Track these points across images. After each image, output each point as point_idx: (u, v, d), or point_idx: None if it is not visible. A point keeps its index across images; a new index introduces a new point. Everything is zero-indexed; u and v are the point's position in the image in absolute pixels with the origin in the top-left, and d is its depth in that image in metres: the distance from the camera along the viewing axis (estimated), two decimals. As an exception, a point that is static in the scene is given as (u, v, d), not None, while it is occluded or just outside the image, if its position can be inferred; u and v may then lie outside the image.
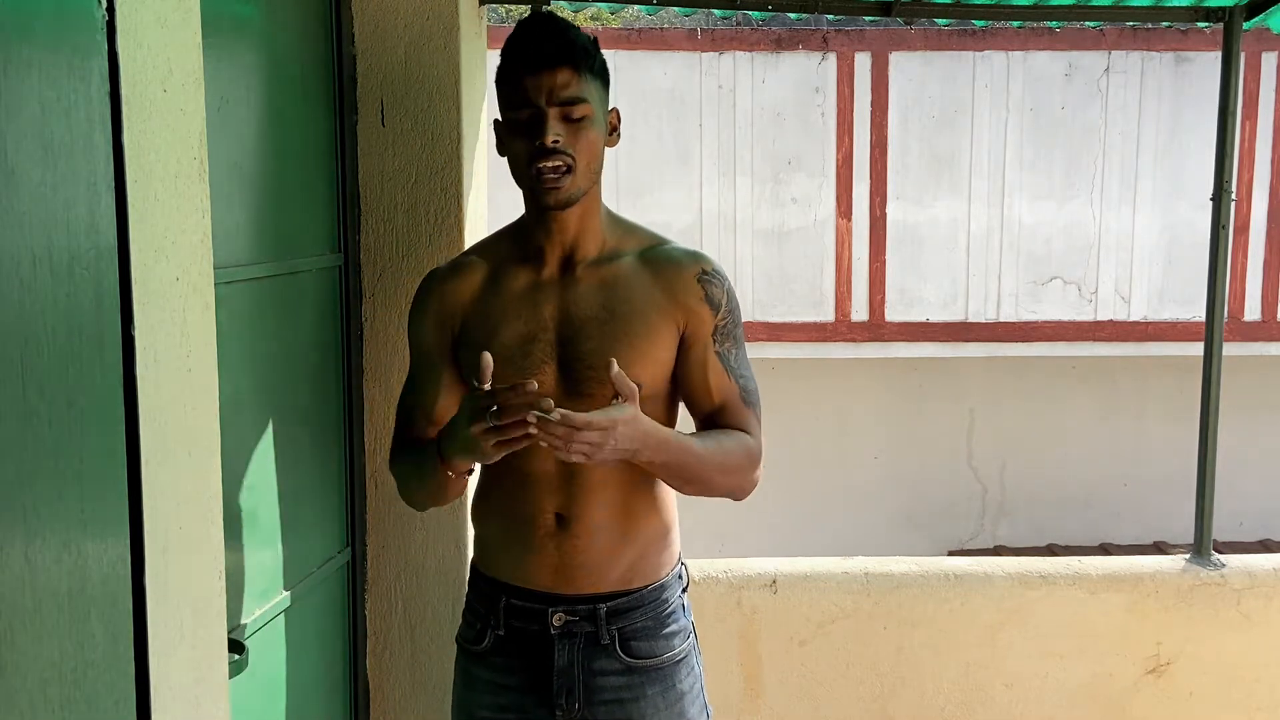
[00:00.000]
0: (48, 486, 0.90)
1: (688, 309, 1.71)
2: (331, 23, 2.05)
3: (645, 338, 1.69)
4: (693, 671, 1.80)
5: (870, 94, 6.55)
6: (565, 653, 1.73)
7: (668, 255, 1.75)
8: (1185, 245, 6.55)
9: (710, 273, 1.74)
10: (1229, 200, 2.67)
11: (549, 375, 1.68)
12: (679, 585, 1.81)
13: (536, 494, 1.70)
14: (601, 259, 1.73)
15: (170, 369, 1.15)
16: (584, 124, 1.65)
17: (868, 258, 6.65)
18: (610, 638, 1.73)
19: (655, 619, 1.76)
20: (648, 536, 1.75)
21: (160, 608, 1.11)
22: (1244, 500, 6.96)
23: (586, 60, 1.66)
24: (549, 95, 1.63)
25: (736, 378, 1.74)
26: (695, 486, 1.69)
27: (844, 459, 7.26)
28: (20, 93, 0.87)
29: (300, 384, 1.97)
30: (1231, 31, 2.66)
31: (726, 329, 1.73)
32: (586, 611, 1.72)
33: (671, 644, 1.77)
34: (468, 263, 1.80)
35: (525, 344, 1.69)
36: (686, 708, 1.77)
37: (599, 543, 1.70)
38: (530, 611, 1.74)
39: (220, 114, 1.61)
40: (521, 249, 1.76)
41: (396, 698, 2.24)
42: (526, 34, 1.66)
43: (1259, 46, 6.38)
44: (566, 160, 1.63)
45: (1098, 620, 2.58)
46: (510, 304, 1.72)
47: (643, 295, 1.71)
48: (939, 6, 2.78)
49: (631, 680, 1.73)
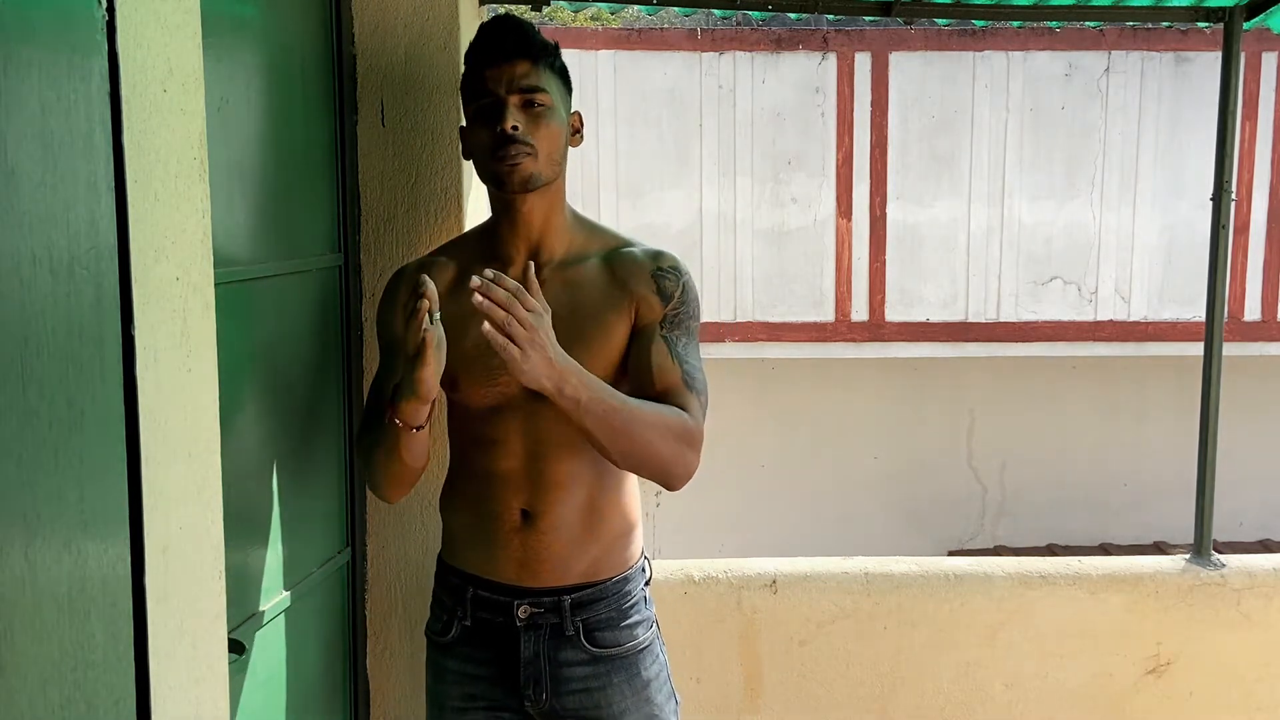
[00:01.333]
0: (48, 486, 0.90)
1: (639, 297, 1.73)
2: (331, 23, 2.05)
3: (599, 336, 1.71)
4: (657, 660, 1.84)
5: (870, 94, 6.55)
6: (531, 644, 1.76)
7: (630, 254, 1.77)
8: (1185, 245, 6.55)
9: (667, 268, 1.76)
10: (1229, 200, 2.67)
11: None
12: (641, 578, 1.85)
13: (503, 490, 1.74)
14: (567, 261, 1.76)
15: (170, 369, 1.15)
16: (543, 114, 1.68)
17: (868, 258, 6.65)
18: (575, 629, 1.76)
19: (618, 610, 1.79)
20: (612, 534, 1.78)
21: (160, 608, 1.11)
22: (1244, 500, 6.96)
23: (545, 55, 1.71)
24: (508, 84, 1.67)
25: (681, 362, 1.72)
26: (625, 442, 1.62)
27: (844, 459, 7.25)
28: (20, 92, 0.87)
29: (300, 384, 1.97)
30: (1231, 31, 2.66)
31: (677, 319, 1.74)
32: (551, 603, 1.76)
33: (635, 633, 1.80)
34: (435, 263, 1.83)
35: (490, 346, 1.70)
36: (653, 694, 1.81)
37: (563, 538, 1.73)
38: (496, 603, 1.78)
39: (220, 114, 1.61)
40: (488, 250, 1.79)
41: (396, 698, 2.24)
42: (487, 33, 1.71)
43: (1259, 46, 6.38)
44: (526, 148, 1.66)
45: (1098, 620, 2.58)
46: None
47: (601, 294, 1.73)
48: (939, 6, 2.78)
49: (597, 669, 1.77)
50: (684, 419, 1.69)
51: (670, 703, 1.85)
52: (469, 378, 1.74)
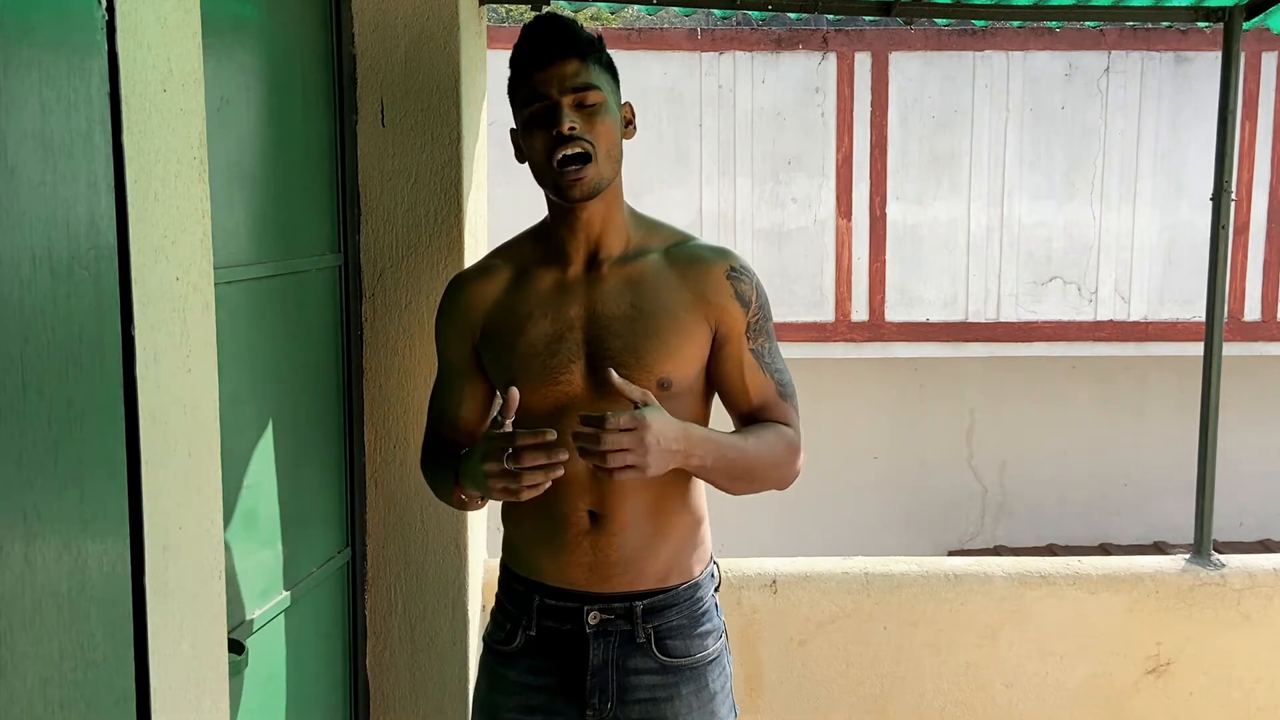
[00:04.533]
0: (48, 486, 0.90)
1: (719, 307, 1.70)
2: (331, 23, 2.05)
3: (674, 334, 1.68)
4: (724, 671, 1.80)
5: (870, 94, 6.55)
6: (600, 651, 1.71)
7: (694, 252, 1.74)
8: (1185, 245, 6.55)
9: (738, 269, 1.73)
10: (1229, 200, 2.67)
11: (577, 374, 1.68)
12: (711, 584, 1.81)
13: (569, 492, 1.68)
14: (627, 256, 1.72)
15: (170, 369, 1.15)
16: (598, 110, 1.65)
17: (868, 258, 6.65)
18: (646, 636, 1.72)
19: (690, 617, 1.75)
20: (681, 532, 1.74)
21: (160, 608, 1.11)
22: (1244, 500, 6.96)
23: (593, 51, 1.66)
24: (560, 85, 1.63)
25: (772, 373, 1.74)
26: (744, 484, 1.69)
27: (844, 459, 7.25)
28: (20, 92, 0.87)
29: (300, 384, 1.97)
30: (1231, 31, 2.66)
31: (758, 324, 1.73)
32: (623, 609, 1.71)
33: (705, 643, 1.76)
34: (493, 265, 1.80)
35: (552, 343, 1.69)
36: (718, 707, 1.76)
37: (633, 539, 1.69)
38: (565, 611, 1.72)
39: (220, 114, 1.61)
40: (546, 249, 1.75)
41: (396, 698, 2.24)
42: (532, 34, 1.67)
43: (1259, 46, 6.38)
44: (585, 146, 1.63)
45: (1098, 620, 2.58)
46: (536, 304, 1.72)
47: (670, 292, 1.70)
48: (939, 6, 2.78)
49: (666, 679, 1.72)
50: (788, 437, 1.72)
51: (731, 715, 1.81)
52: (528, 379, 1.68)
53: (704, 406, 1.76)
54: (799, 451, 1.74)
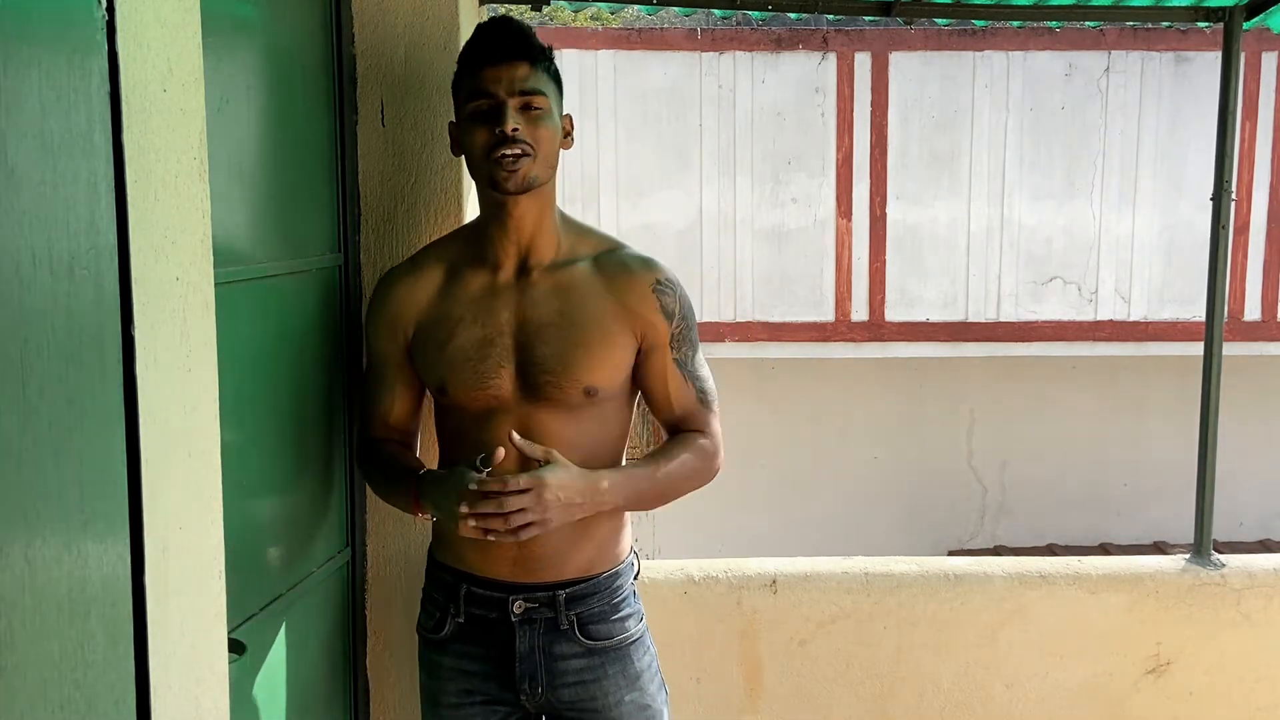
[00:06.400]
0: (48, 486, 0.90)
1: (644, 319, 1.77)
2: (331, 23, 2.05)
3: (601, 344, 1.75)
4: (648, 651, 1.89)
5: (870, 94, 6.55)
6: (526, 638, 1.79)
7: (622, 262, 1.80)
8: (1185, 245, 6.55)
9: (664, 282, 1.80)
10: (1229, 200, 2.67)
11: (506, 379, 1.74)
12: (630, 573, 1.89)
13: None
14: (557, 263, 1.79)
15: (170, 369, 1.15)
16: (541, 116, 1.71)
17: (868, 258, 6.65)
18: (569, 622, 1.80)
19: (610, 604, 1.83)
20: (605, 530, 1.82)
21: (160, 608, 1.10)
22: (1244, 500, 6.97)
23: (543, 59, 1.73)
24: (509, 86, 1.69)
25: (694, 380, 1.83)
26: (660, 503, 1.80)
27: (844, 459, 7.26)
28: (20, 92, 0.87)
29: (300, 384, 1.96)
30: (1231, 31, 2.66)
31: (681, 334, 1.80)
32: (546, 598, 1.79)
33: (626, 625, 1.85)
34: (424, 264, 1.86)
35: (482, 347, 1.75)
36: (646, 684, 1.85)
37: (557, 538, 1.76)
38: (490, 599, 1.81)
39: (220, 114, 1.60)
40: (477, 251, 1.81)
41: (396, 698, 2.24)
42: (486, 33, 1.74)
43: (1259, 46, 6.38)
44: (525, 148, 1.69)
45: (1098, 620, 2.58)
46: (467, 307, 1.78)
47: (598, 301, 1.76)
48: (939, 6, 2.78)
49: (592, 661, 1.81)
50: (703, 446, 1.81)
51: (661, 693, 1.89)
52: (459, 382, 1.76)
53: (628, 409, 1.85)
54: (714, 455, 1.84)
